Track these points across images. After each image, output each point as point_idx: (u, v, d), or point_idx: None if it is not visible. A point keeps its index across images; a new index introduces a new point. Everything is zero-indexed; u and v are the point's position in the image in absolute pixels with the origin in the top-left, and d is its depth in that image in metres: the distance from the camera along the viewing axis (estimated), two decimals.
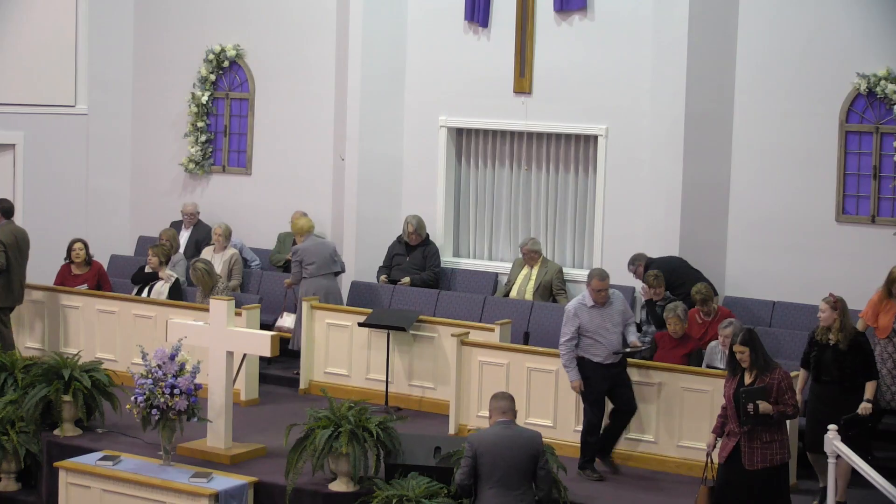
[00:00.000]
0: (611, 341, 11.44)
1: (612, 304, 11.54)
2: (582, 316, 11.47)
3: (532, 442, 9.49)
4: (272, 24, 16.86)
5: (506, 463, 9.38)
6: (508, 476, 9.38)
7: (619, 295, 11.68)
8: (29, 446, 12.08)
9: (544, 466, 9.50)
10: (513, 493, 9.38)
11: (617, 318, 11.53)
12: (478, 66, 15.57)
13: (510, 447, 9.40)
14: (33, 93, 17.17)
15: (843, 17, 13.77)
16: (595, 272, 11.59)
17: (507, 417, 9.54)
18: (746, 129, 14.29)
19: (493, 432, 9.52)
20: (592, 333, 11.43)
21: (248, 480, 11.10)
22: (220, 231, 15.64)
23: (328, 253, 14.45)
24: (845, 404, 10.78)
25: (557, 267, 14.92)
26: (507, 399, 9.65)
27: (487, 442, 9.45)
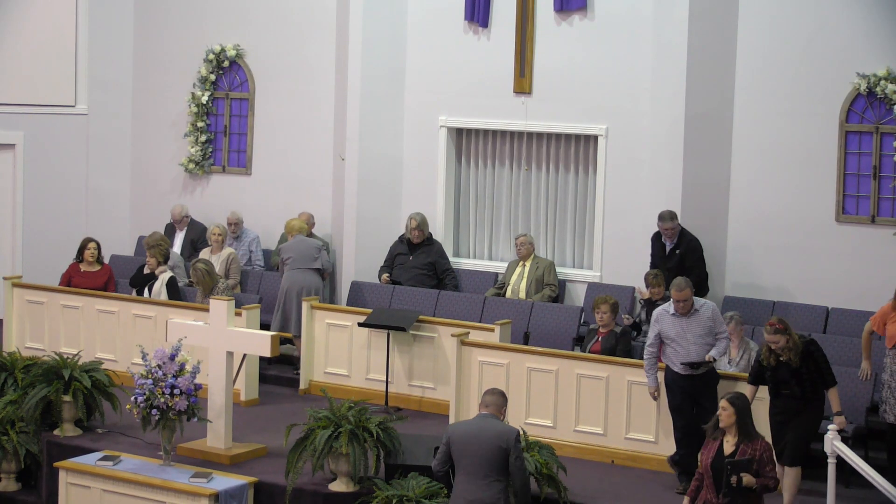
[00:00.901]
0: (688, 352, 11.20)
1: (697, 316, 11.24)
2: (663, 322, 11.34)
3: (502, 435, 9.54)
4: (272, 24, 16.86)
5: (472, 452, 9.52)
6: (475, 465, 9.51)
7: (709, 308, 11.34)
8: (29, 446, 12.09)
9: (516, 462, 9.53)
10: (479, 481, 9.50)
11: (699, 329, 11.20)
12: (478, 66, 15.57)
13: (478, 437, 9.53)
14: (33, 93, 17.17)
15: (843, 17, 13.77)
16: (674, 283, 11.39)
17: (487, 411, 9.67)
18: (746, 129, 14.28)
19: (467, 423, 9.82)
20: (671, 341, 11.28)
21: (248, 480, 11.10)
22: (217, 232, 15.62)
23: (308, 249, 14.67)
24: (807, 414, 10.66)
25: (549, 262, 14.91)
26: (495, 394, 9.77)
27: (459, 432, 9.67)
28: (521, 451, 9.61)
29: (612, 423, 12.05)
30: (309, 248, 14.72)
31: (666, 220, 13.80)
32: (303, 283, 14.51)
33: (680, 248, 13.80)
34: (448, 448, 9.63)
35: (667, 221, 13.80)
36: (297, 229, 14.86)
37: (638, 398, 11.89)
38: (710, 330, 11.26)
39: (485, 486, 9.51)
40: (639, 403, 11.90)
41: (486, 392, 9.85)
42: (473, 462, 9.53)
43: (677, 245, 13.81)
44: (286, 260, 14.66)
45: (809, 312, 13.71)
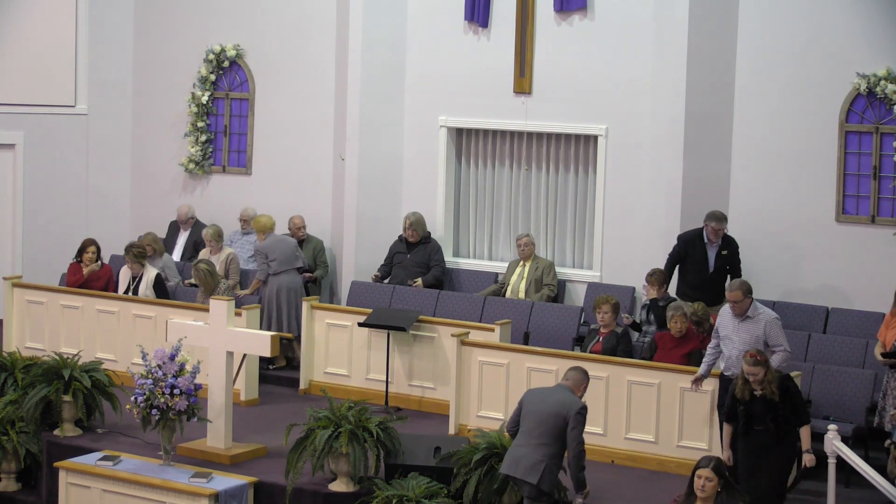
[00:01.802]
0: (730, 356, 11.00)
1: (750, 322, 10.92)
2: (722, 318, 11.16)
3: (566, 403, 9.99)
4: (272, 24, 16.86)
5: (534, 413, 10.04)
6: (533, 425, 10.00)
7: (766, 318, 10.93)
8: (29, 446, 12.09)
9: (572, 432, 9.89)
10: (531, 441, 9.96)
11: (746, 336, 10.86)
12: (478, 66, 15.57)
13: (544, 401, 10.07)
14: (33, 93, 17.17)
15: (843, 17, 13.77)
16: (729, 284, 11.24)
17: (566, 383, 10.26)
18: (746, 129, 14.29)
19: (543, 389, 10.49)
20: (722, 339, 11.15)
21: (248, 480, 11.10)
22: (209, 235, 15.58)
23: (290, 248, 14.78)
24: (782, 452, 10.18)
25: (548, 262, 14.91)
26: (577, 371, 10.32)
27: (532, 394, 10.33)
28: (580, 424, 9.94)
29: (612, 423, 12.04)
30: (290, 248, 14.82)
31: (721, 221, 13.51)
32: (290, 284, 14.60)
33: (725, 248, 13.56)
34: (519, 409, 10.17)
35: (722, 222, 13.49)
36: (269, 226, 14.89)
37: (638, 398, 11.89)
38: (758, 340, 10.82)
39: (533, 447, 9.93)
40: (639, 403, 11.89)
41: (570, 369, 10.39)
42: (532, 422, 10.01)
43: (723, 246, 13.56)
44: (272, 262, 14.61)
45: (809, 312, 13.71)
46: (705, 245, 13.61)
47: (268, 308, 14.53)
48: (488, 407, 12.56)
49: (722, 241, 13.62)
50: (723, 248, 13.60)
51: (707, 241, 13.61)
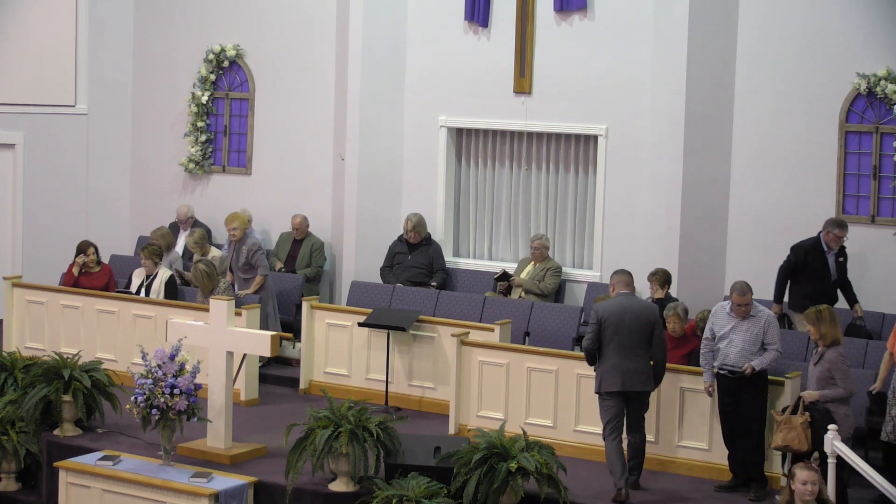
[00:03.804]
0: (727, 354, 11.03)
1: (750, 320, 11.01)
2: (717, 318, 11.19)
3: (649, 310, 11.05)
4: (272, 24, 16.86)
5: (626, 328, 10.89)
6: (629, 339, 10.88)
7: (765, 316, 11.06)
8: (29, 446, 12.08)
9: (660, 334, 10.99)
10: (632, 353, 10.88)
11: (746, 334, 10.97)
12: (478, 66, 15.57)
13: (630, 313, 10.92)
14: (33, 93, 17.17)
15: (842, 16, 13.78)
16: (735, 286, 11.15)
17: (629, 290, 11.08)
18: (746, 129, 14.29)
19: (616, 301, 11.05)
20: (719, 340, 11.16)
21: (248, 480, 11.10)
22: (190, 244, 15.48)
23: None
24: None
25: (555, 265, 14.91)
26: (626, 274, 11.15)
27: (611, 310, 10.96)
28: (662, 324, 11.11)
29: None
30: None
31: (844, 228, 13.12)
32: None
33: (841, 255, 13.28)
34: (599, 327, 10.90)
35: (844, 229, 13.13)
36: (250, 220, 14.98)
37: None
38: (757, 338, 10.98)
39: (638, 357, 10.89)
40: None
41: (617, 273, 11.19)
42: (626, 336, 10.88)
43: (839, 253, 13.25)
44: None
45: None
46: (825, 253, 13.19)
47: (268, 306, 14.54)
48: (488, 407, 12.56)
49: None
50: (839, 255, 13.23)
51: (826, 249, 13.19)
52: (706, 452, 11.48)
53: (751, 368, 10.91)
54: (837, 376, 10.57)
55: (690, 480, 11.48)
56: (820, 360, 10.66)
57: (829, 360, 10.58)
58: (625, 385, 10.88)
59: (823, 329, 10.65)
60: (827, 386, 10.57)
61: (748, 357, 10.98)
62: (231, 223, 14.92)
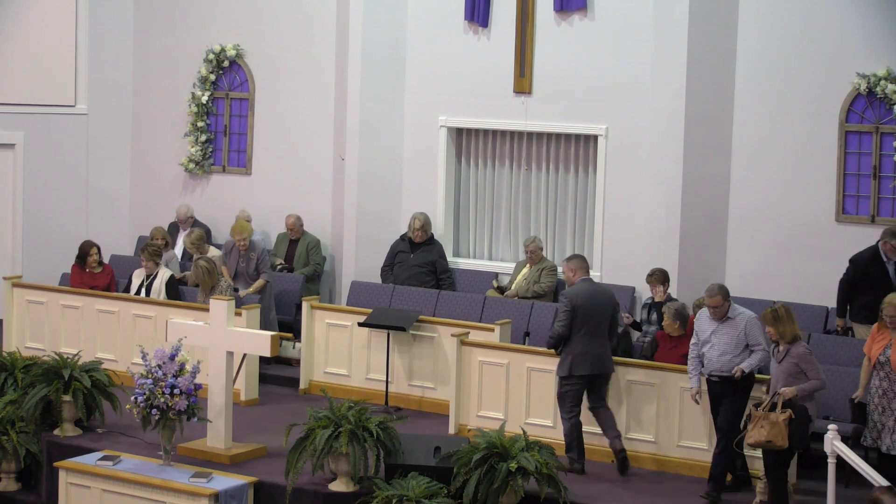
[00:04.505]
0: (710, 358, 11.01)
1: (730, 323, 10.97)
2: (700, 322, 11.17)
3: (610, 295, 11.72)
4: (272, 24, 16.86)
5: (595, 313, 11.46)
6: (598, 324, 11.47)
7: (746, 318, 11.00)
8: (29, 446, 12.08)
9: (617, 318, 11.73)
10: (600, 338, 11.49)
11: (727, 338, 10.94)
12: (478, 66, 15.57)
13: (599, 300, 11.53)
14: (33, 93, 17.17)
15: (842, 17, 13.78)
16: (707, 288, 11.18)
17: (587, 275, 11.63)
18: (746, 129, 14.29)
19: (584, 287, 11.54)
20: (702, 345, 11.13)
21: (248, 480, 11.10)
22: (187, 245, 15.50)
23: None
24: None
25: (550, 265, 14.91)
26: (581, 258, 11.75)
27: (582, 296, 11.45)
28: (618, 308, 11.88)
29: None
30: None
31: None
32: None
33: None
34: (573, 313, 11.35)
35: None
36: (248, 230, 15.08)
37: (638, 398, 11.88)
38: (739, 341, 10.92)
39: (603, 341, 11.53)
40: (639, 403, 11.89)
41: (575, 258, 11.71)
42: (595, 321, 11.46)
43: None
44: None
45: (809, 312, 13.70)
46: (884, 263, 12.97)
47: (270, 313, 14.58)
48: (488, 407, 12.56)
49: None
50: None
51: (885, 259, 12.97)
52: (706, 452, 11.47)
53: (740, 372, 10.83)
54: (808, 369, 10.54)
55: (690, 480, 11.47)
56: (785, 356, 10.58)
57: (797, 354, 10.54)
58: (594, 368, 11.48)
59: (782, 328, 10.59)
60: (796, 381, 10.53)
61: (730, 360, 10.90)
62: (240, 234, 14.97)
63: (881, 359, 10.97)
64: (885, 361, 10.92)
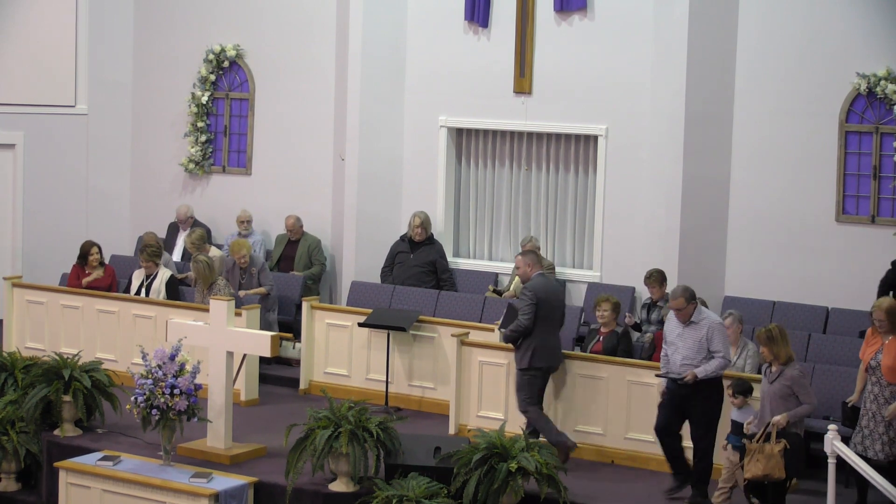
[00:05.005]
0: (673, 361, 10.96)
1: (693, 327, 10.87)
2: (668, 324, 11.14)
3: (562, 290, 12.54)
4: (272, 24, 16.86)
5: (555, 307, 11.79)
6: (554, 317, 11.79)
7: (710, 323, 10.89)
8: (29, 446, 12.08)
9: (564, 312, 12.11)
10: (554, 331, 11.82)
11: (689, 342, 10.85)
12: (478, 66, 15.57)
13: (554, 294, 11.92)
14: (33, 93, 17.17)
15: (842, 17, 13.78)
16: (672, 290, 11.18)
17: (540, 269, 11.82)
18: (746, 129, 14.29)
19: (543, 282, 11.80)
20: (668, 345, 11.11)
21: (248, 480, 11.10)
22: (188, 244, 15.49)
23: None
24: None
25: (549, 264, 14.91)
26: (535, 253, 11.99)
27: (544, 290, 11.71)
28: None
29: (612, 423, 12.03)
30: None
31: None
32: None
33: None
34: (537, 307, 11.53)
35: None
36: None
37: (638, 398, 11.88)
38: (701, 346, 10.82)
39: (557, 334, 11.92)
40: (639, 403, 11.88)
41: (529, 254, 11.86)
42: (556, 315, 11.82)
43: None
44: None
45: (809, 312, 13.71)
46: None
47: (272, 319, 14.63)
48: (488, 407, 12.56)
49: None
50: None
51: None
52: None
53: (692, 376, 10.74)
54: (801, 392, 10.35)
55: None
56: (778, 377, 10.40)
57: (791, 377, 10.34)
58: (553, 360, 11.84)
59: (776, 349, 10.42)
60: (787, 403, 10.36)
61: (690, 365, 10.82)
62: (239, 252, 14.92)
63: (872, 363, 10.88)
64: (875, 366, 10.85)
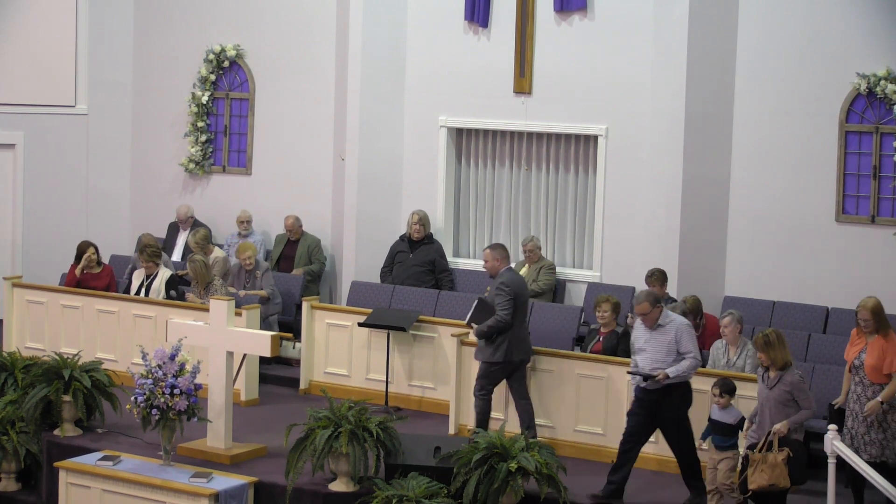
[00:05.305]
0: (643, 367, 10.93)
1: (661, 331, 10.87)
2: (636, 331, 11.12)
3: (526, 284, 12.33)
4: (272, 24, 16.86)
5: (526, 301, 11.99)
6: (524, 311, 11.99)
7: (676, 325, 10.89)
8: (29, 446, 12.09)
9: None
10: (524, 324, 12.02)
11: (658, 345, 10.85)
12: (478, 66, 15.57)
13: (525, 288, 12.04)
14: (33, 93, 17.17)
15: (842, 17, 13.78)
16: (635, 296, 11.16)
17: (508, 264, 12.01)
18: (746, 129, 14.29)
19: (513, 276, 11.94)
20: (637, 352, 11.09)
21: (248, 480, 11.10)
22: (192, 244, 15.50)
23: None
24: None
25: (548, 263, 14.92)
26: (504, 248, 12.05)
27: (518, 284, 11.89)
28: None
29: (612, 423, 12.03)
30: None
31: None
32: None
33: None
34: (514, 298, 11.68)
35: None
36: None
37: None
38: (671, 349, 10.80)
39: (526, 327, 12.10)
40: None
41: (498, 248, 11.98)
42: (526, 308, 12.03)
43: None
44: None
45: (809, 312, 13.71)
46: None
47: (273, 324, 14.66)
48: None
49: None
50: None
51: None
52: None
53: (664, 375, 10.74)
54: (800, 398, 10.28)
55: None
56: (777, 383, 10.31)
57: (791, 382, 10.26)
58: (527, 353, 12.01)
59: (773, 354, 10.32)
60: (786, 409, 10.30)
61: (660, 369, 10.79)
62: (244, 252, 14.94)
63: (856, 363, 10.86)
64: (859, 366, 10.83)
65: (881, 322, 10.79)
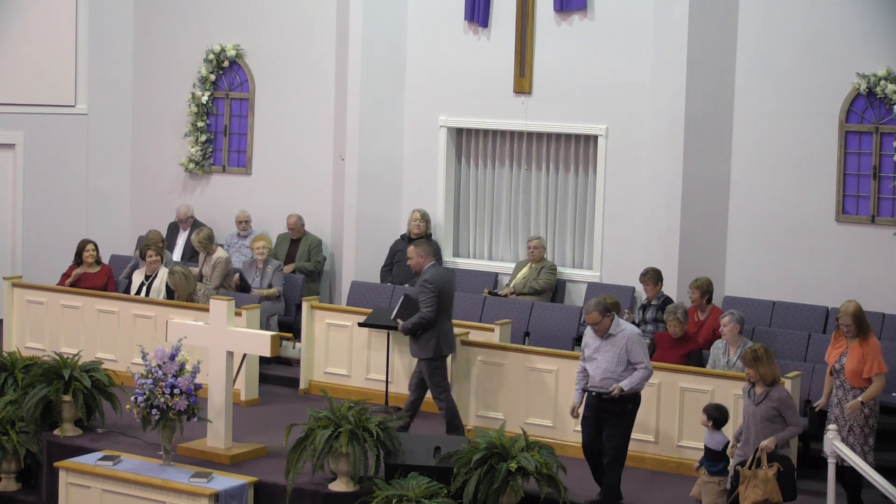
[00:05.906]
0: (593, 376, 10.83)
1: (611, 340, 10.77)
2: (586, 338, 11.03)
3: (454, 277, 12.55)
4: (272, 24, 16.86)
5: (450, 295, 12.08)
6: (450, 306, 12.08)
7: (628, 335, 10.76)
8: (29, 446, 12.09)
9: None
10: (449, 318, 12.08)
11: (608, 354, 10.74)
12: (478, 66, 15.57)
13: (450, 282, 12.15)
14: (33, 93, 17.17)
15: (842, 17, 13.78)
16: (585, 305, 11.09)
17: (434, 259, 12.15)
18: (746, 129, 14.29)
19: (439, 271, 12.10)
20: (587, 360, 10.96)
21: (248, 480, 11.10)
22: (195, 242, 15.51)
23: None
24: None
25: (549, 264, 14.93)
26: (429, 243, 12.35)
27: (443, 280, 11.97)
28: None
29: None
30: None
31: None
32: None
33: None
34: (437, 293, 11.78)
35: None
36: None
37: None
38: (620, 358, 10.70)
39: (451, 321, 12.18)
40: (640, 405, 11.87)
41: (423, 244, 12.12)
42: (451, 303, 12.11)
43: None
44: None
45: (809, 312, 13.71)
46: None
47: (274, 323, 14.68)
48: (488, 407, 12.56)
49: None
50: None
51: None
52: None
53: (619, 390, 10.64)
54: (788, 414, 10.21)
55: (691, 480, 11.46)
56: (764, 399, 10.23)
57: (778, 398, 10.19)
58: (453, 346, 12.25)
59: (762, 369, 10.24)
60: (772, 426, 10.21)
61: (611, 378, 10.71)
62: (258, 242, 15.13)
63: (836, 366, 10.86)
64: (839, 369, 10.83)
65: (862, 326, 10.82)
